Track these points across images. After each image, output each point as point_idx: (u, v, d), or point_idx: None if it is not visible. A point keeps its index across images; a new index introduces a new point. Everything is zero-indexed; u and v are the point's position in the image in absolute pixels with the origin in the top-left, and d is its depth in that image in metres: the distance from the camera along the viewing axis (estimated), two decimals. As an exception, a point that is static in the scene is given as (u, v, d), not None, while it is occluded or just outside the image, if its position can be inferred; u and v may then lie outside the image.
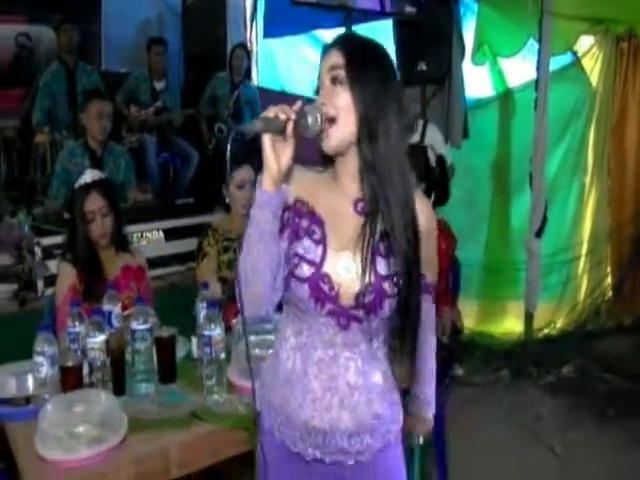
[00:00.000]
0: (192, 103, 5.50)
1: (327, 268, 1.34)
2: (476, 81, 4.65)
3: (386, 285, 1.32)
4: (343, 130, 1.30)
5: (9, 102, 5.17)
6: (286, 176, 1.29)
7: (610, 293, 4.91)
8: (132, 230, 3.23)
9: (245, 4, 6.15)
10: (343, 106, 1.30)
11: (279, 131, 1.23)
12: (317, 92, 1.35)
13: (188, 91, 5.72)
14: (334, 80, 1.31)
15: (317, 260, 1.34)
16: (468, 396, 3.82)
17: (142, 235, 3.45)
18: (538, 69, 3.95)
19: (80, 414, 1.66)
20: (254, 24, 5.94)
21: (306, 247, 1.35)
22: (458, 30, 4.20)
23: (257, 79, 6.06)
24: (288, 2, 3.35)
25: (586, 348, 4.51)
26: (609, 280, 4.92)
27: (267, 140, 1.23)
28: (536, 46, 4.00)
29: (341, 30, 3.57)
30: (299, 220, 1.36)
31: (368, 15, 3.50)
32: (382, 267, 1.33)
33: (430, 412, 1.68)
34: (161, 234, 3.56)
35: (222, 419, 1.82)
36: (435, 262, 1.53)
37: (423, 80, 4.25)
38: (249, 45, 5.91)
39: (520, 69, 4.47)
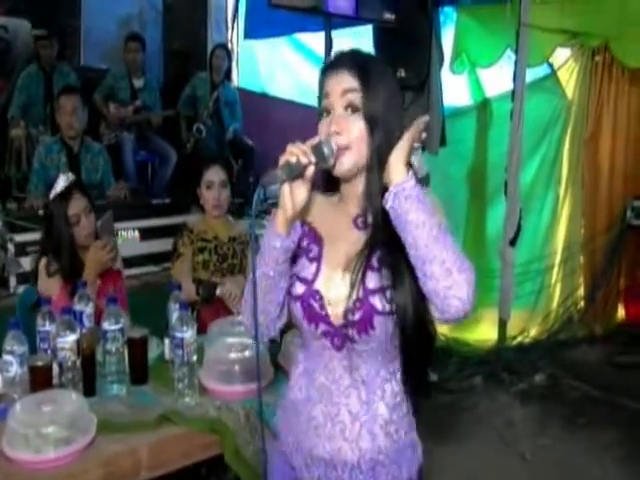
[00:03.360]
0: (172, 101, 5.48)
1: (318, 285, 1.31)
2: (455, 90, 4.69)
3: (375, 300, 1.25)
4: (357, 158, 1.28)
5: (-15, 94, 5.11)
6: (300, 215, 1.27)
7: (582, 303, 4.95)
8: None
9: (227, 4, 6.14)
10: (358, 135, 1.27)
11: (299, 175, 1.21)
12: (322, 114, 1.31)
13: (168, 89, 5.70)
14: (349, 107, 1.28)
15: (310, 277, 1.32)
16: (442, 402, 3.83)
17: (117, 234, 3.42)
18: (515, 80, 3.99)
19: (49, 414, 1.64)
20: (235, 25, 5.93)
21: (301, 265, 1.34)
22: (437, 38, 4.24)
23: (237, 80, 6.04)
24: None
25: (558, 356, 4.54)
26: (582, 290, 4.97)
27: (286, 190, 1.22)
28: (513, 57, 4.04)
29: (321, 34, 3.58)
30: (300, 241, 1.34)
31: (345, 20, 3.50)
32: (372, 281, 1.26)
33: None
34: (136, 233, 3.55)
35: (192, 422, 1.81)
36: None
37: (402, 87, 4.27)
38: (230, 46, 5.90)
39: (498, 79, 4.52)
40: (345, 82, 1.28)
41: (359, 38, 4.37)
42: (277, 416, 1.45)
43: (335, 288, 1.30)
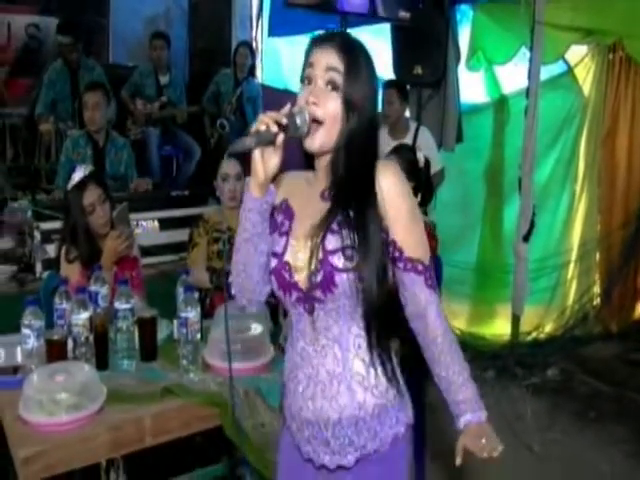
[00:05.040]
0: (196, 98, 5.60)
1: (287, 257, 1.38)
2: (471, 87, 4.74)
3: (334, 259, 1.30)
4: (329, 134, 1.33)
5: (19, 91, 5.31)
6: (272, 180, 1.33)
7: (598, 300, 4.94)
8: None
9: (251, 3, 6.24)
10: (333, 112, 1.31)
11: (270, 142, 1.26)
12: (303, 81, 1.36)
13: (193, 86, 5.82)
14: (330, 83, 1.32)
15: (280, 251, 1.39)
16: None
17: (137, 224, 3.53)
18: (529, 77, 4.02)
19: (62, 383, 1.78)
20: (259, 22, 6.03)
21: (275, 241, 1.41)
22: (454, 36, 4.28)
23: (261, 77, 6.14)
24: (291, 3, 3.43)
25: (572, 352, 4.55)
26: (597, 287, 4.96)
27: (257, 154, 1.28)
28: (528, 54, 4.06)
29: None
30: (276, 216, 1.43)
31: (362, 18, 3.56)
32: (331, 242, 1.31)
33: (468, 417, 1.42)
34: (156, 223, 3.66)
35: (194, 395, 1.93)
36: (416, 232, 1.37)
37: (419, 83, 4.33)
38: (254, 43, 6.01)
39: (514, 76, 4.53)
40: (331, 59, 1.32)
41: (377, 36, 4.45)
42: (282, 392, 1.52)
43: (301, 256, 1.36)
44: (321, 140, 1.33)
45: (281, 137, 1.27)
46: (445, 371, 1.39)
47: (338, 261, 1.30)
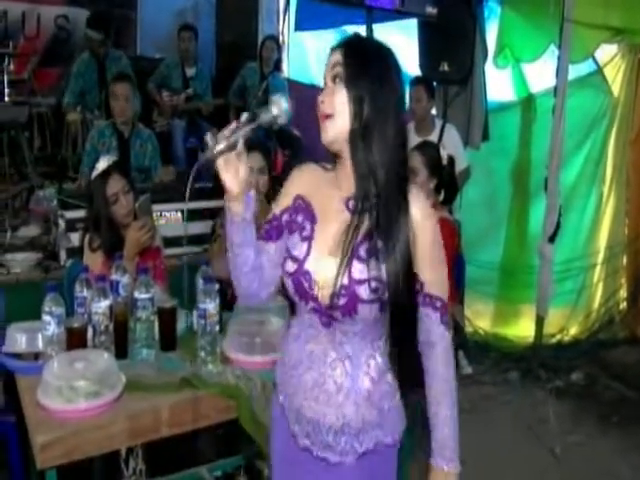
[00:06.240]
0: (222, 91, 5.61)
1: (308, 266, 1.36)
2: (499, 84, 4.69)
3: (361, 290, 1.30)
4: (339, 125, 1.32)
5: (48, 81, 5.36)
6: (247, 187, 1.32)
7: (624, 304, 4.89)
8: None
9: (278, -3, 6.25)
10: (339, 103, 1.32)
11: (232, 147, 1.27)
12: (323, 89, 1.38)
13: (219, 79, 5.84)
14: (334, 78, 1.34)
15: (301, 257, 1.37)
16: (476, 394, 3.85)
17: (161, 215, 3.54)
18: (557, 76, 3.96)
19: (81, 370, 1.79)
20: (286, 17, 6.02)
21: (294, 243, 1.40)
22: (481, 32, 4.23)
23: (287, 71, 6.14)
24: (318, -3, 3.41)
25: (597, 356, 4.51)
26: (624, 291, 4.91)
27: (221, 167, 1.28)
28: (557, 52, 4.00)
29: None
30: (296, 216, 1.42)
31: (388, 14, 3.53)
32: (358, 271, 1.30)
33: (446, 465, 1.40)
34: (179, 215, 3.66)
35: (212, 386, 1.93)
36: (439, 271, 1.38)
37: (445, 80, 4.29)
38: (280, 37, 6.00)
39: (542, 74, 4.47)
40: (334, 57, 1.35)
41: (404, 32, 4.41)
42: (276, 370, 1.53)
43: (323, 271, 1.35)
44: (333, 131, 1.34)
45: (241, 143, 1.28)
46: (437, 408, 1.41)
47: (364, 292, 1.30)
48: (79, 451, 1.70)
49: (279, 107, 1.31)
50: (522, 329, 4.73)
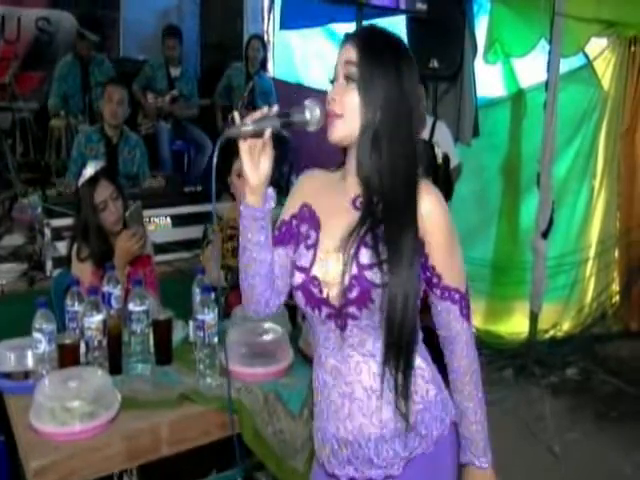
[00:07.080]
0: (208, 91, 5.55)
1: (315, 271, 1.32)
2: (488, 80, 4.65)
3: (371, 274, 1.24)
4: (349, 127, 1.27)
5: (30, 85, 5.28)
6: (267, 184, 1.28)
7: (617, 297, 4.89)
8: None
9: (263, -5, 6.20)
10: (351, 105, 1.26)
11: (259, 134, 1.23)
12: (332, 81, 1.32)
13: (205, 79, 5.78)
14: (347, 77, 1.27)
15: (307, 265, 1.33)
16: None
17: (150, 220, 3.48)
18: (548, 70, 3.92)
19: (74, 389, 1.72)
20: (271, 15, 5.98)
21: (300, 254, 1.35)
22: (470, 28, 4.20)
23: (273, 70, 6.09)
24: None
25: (591, 351, 4.52)
26: (616, 284, 4.91)
27: (244, 151, 1.24)
28: (547, 47, 3.96)
29: (353, 25, 3.59)
30: (301, 225, 1.38)
31: (380, 11, 3.50)
32: (366, 257, 1.25)
33: (480, 461, 1.38)
34: (169, 220, 3.61)
35: (212, 401, 1.86)
36: (455, 260, 1.33)
37: (435, 77, 4.25)
38: (266, 36, 5.95)
39: (532, 69, 4.45)
40: (348, 53, 1.28)
41: (392, 28, 4.36)
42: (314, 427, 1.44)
43: (331, 270, 1.30)
44: (341, 131, 1.28)
45: (269, 132, 1.23)
46: (461, 402, 1.38)
47: (375, 276, 1.24)
48: (75, 476, 1.63)
49: (313, 114, 1.26)
50: (515, 326, 4.72)
